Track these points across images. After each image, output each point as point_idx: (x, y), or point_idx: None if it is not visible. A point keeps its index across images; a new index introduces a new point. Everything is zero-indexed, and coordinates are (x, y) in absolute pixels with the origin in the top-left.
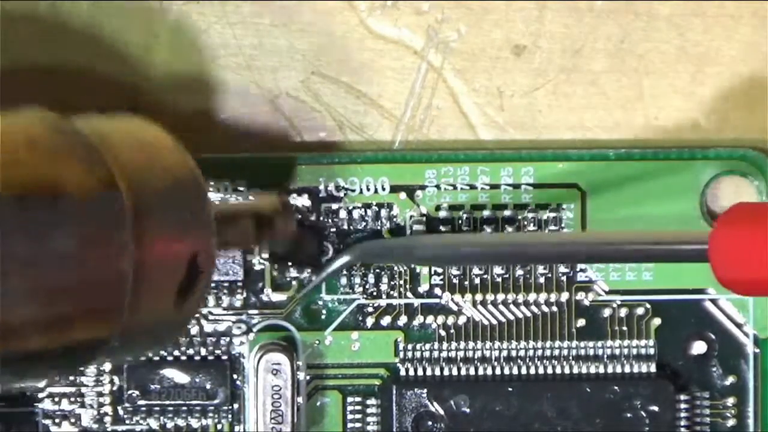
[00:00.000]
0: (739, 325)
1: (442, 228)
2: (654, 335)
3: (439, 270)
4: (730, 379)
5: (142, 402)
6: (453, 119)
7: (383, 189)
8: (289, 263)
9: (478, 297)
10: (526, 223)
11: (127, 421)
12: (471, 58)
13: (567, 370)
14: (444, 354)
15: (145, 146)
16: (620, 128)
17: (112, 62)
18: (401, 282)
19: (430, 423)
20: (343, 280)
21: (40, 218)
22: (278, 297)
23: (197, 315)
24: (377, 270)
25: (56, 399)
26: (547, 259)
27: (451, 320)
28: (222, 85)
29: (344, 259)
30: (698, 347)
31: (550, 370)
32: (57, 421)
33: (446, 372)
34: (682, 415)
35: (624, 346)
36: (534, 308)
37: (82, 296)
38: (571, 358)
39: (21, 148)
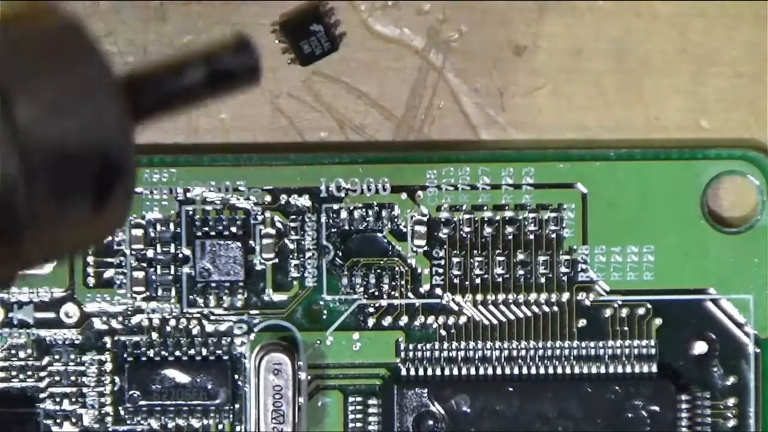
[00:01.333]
0: (740, 325)
1: (443, 229)
2: (655, 335)
3: (440, 270)
4: (731, 380)
5: (143, 402)
6: (454, 119)
7: (384, 189)
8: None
9: (479, 297)
10: (526, 223)
11: (128, 422)
12: (472, 58)
13: (568, 371)
14: (445, 354)
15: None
16: (621, 128)
17: (113, 63)
18: (402, 282)
19: (431, 423)
20: (344, 281)
21: None
22: (279, 297)
23: (198, 314)
24: (378, 270)
25: (57, 399)
26: None
27: (452, 320)
28: None
29: None
30: (699, 347)
31: (551, 370)
32: (58, 421)
33: (447, 372)
34: (683, 415)
35: (625, 347)
36: (535, 308)
37: None
38: (572, 358)
39: None
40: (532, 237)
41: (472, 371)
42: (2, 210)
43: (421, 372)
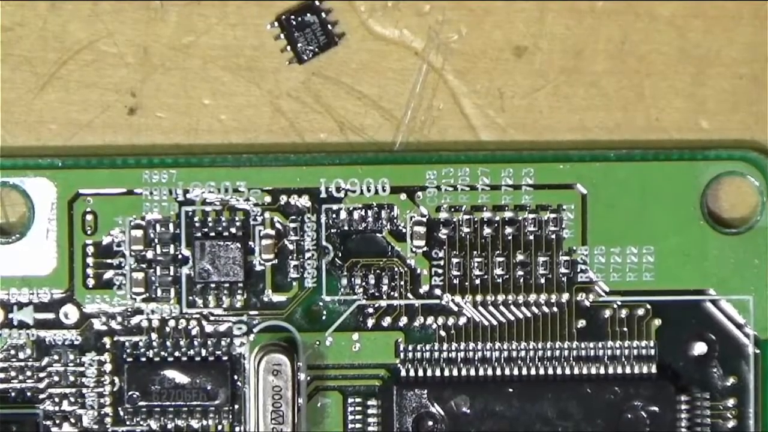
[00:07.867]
0: (739, 326)
1: (443, 230)
2: (654, 336)
3: (440, 271)
4: (731, 380)
5: (142, 403)
6: (454, 120)
7: (384, 190)
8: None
9: (479, 298)
10: (526, 224)
11: (128, 422)
12: (472, 59)
13: (567, 371)
14: (444, 355)
15: None
16: (621, 129)
17: (113, 64)
18: (402, 283)
19: (430, 423)
20: (344, 281)
21: None
22: (279, 298)
23: (198, 315)
24: (378, 271)
25: (57, 400)
26: None
27: (451, 321)
28: (223, 87)
29: None
30: (699, 348)
31: (550, 371)
32: (57, 422)
33: (447, 373)
34: (683, 416)
35: (624, 347)
36: (534, 309)
37: None
38: (571, 358)
39: None
40: (531, 238)
41: (472, 372)
42: None
43: (420, 373)
